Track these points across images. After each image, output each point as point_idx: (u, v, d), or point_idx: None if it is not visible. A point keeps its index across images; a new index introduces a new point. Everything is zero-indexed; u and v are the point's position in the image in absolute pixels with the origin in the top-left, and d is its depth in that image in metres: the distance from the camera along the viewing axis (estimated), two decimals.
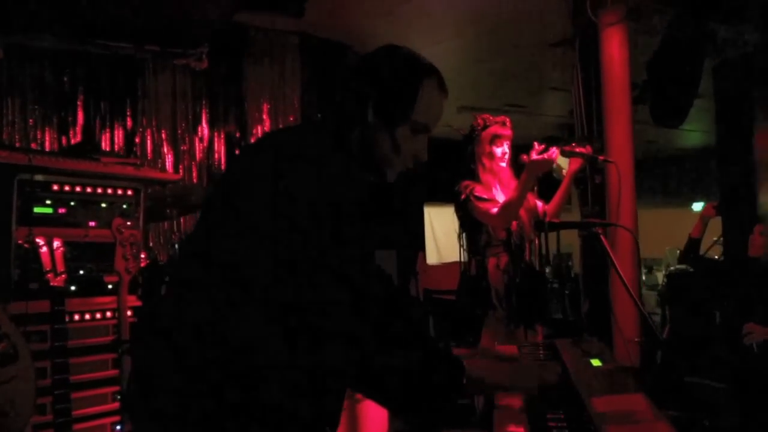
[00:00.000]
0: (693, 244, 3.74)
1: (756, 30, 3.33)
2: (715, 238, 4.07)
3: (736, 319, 3.06)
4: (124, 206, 2.69)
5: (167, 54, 3.85)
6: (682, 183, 10.02)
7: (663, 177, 9.96)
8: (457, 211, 2.86)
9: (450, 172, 2.94)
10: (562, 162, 5.64)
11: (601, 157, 2.63)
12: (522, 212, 2.75)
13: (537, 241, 2.92)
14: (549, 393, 1.18)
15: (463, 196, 2.73)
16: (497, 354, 1.45)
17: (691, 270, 4.02)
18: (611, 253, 1.81)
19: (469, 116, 2.98)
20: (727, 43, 3.32)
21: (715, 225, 3.90)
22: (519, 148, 2.83)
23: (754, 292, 3.12)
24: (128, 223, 2.46)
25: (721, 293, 3.45)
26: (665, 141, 8.50)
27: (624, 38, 3.34)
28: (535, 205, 2.87)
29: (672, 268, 5.22)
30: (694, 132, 8.26)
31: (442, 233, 9.66)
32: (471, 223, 2.79)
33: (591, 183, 3.81)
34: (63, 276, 2.26)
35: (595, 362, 1.42)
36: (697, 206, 10.27)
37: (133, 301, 2.61)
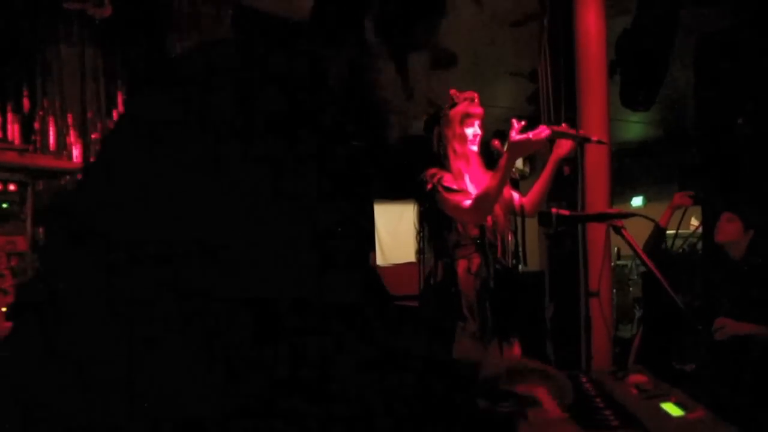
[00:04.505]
0: (660, 233, 3.49)
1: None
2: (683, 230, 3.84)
3: (705, 312, 2.89)
4: (4, 205, 2.08)
5: None
6: (621, 178, 9.95)
7: None
8: (421, 205, 2.48)
9: (396, 166, 2.54)
10: (519, 161, 5.37)
11: (594, 137, 2.28)
12: (495, 205, 2.39)
13: (510, 237, 2.58)
14: None
15: (429, 186, 2.36)
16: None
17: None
18: (639, 249, 1.46)
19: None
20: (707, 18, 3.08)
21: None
22: None
23: (722, 284, 2.95)
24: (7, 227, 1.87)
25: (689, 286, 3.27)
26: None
27: (600, 11, 3.04)
28: (510, 197, 2.52)
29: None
30: (636, 123, 8.14)
31: (386, 233, 9.30)
32: (438, 219, 2.41)
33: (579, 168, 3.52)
34: None
35: (672, 409, 1.00)
36: (637, 201, 10.39)
37: None
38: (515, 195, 2.55)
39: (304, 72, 0.78)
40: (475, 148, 2.46)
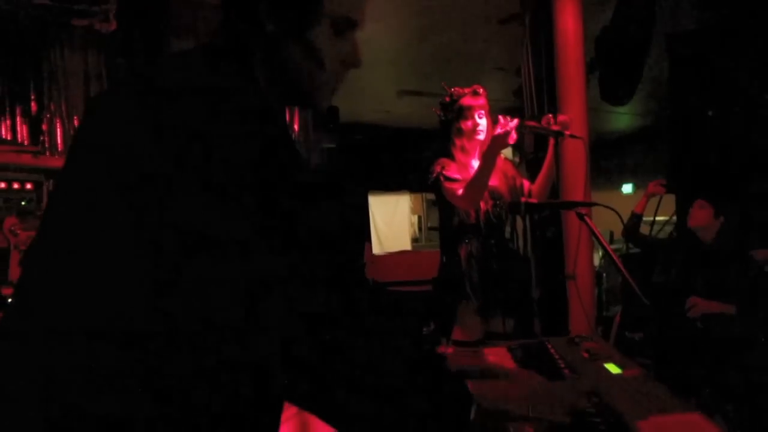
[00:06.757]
0: (636, 219, 3.69)
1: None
2: (664, 218, 4.04)
3: (679, 292, 3.06)
4: (23, 203, 2.27)
5: (65, 11, 3.27)
6: (612, 166, 10.28)
7: (591, 160, 10.05)
8: (435, 194, 2.66)
9: (392, 158, 2.70)
10: (508, 152, 5.52)
11: (567, 132, 2.43)
12: (504, 190, 2.59)
13: (518, 222, 2.73)
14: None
15: (433, 175, 2.53)
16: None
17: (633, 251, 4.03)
18: (599, 235, 1.63)
19: (410, 101, 2.74)
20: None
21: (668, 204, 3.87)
22: None
23: (695, 266, 3.13)
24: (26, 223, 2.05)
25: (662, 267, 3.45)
26: (593, 124, 8.60)
27: (578, 9, 3.20)
28: (521, 185, 2.68)
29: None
30: (624, 115, 8.37)
31: (383, 223, 9.45)
32: (444, 206, 2.60)
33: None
34: None
35: (613, 368, 1.20)
36: (627, 188, 10.58)
37: None
38: (525, 182, 2.70)
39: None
40: (481, 137, 2.53)
